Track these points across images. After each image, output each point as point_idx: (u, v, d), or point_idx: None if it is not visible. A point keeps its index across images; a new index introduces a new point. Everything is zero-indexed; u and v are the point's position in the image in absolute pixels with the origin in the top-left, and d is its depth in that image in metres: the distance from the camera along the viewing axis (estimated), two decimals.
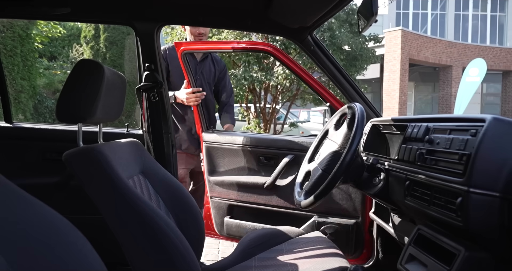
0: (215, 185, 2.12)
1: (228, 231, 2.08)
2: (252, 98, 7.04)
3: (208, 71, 2.33)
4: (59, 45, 12.68)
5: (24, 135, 1.88)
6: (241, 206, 2.08)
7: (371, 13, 1.16)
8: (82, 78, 1.08)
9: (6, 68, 6.56)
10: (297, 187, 1.46)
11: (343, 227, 1.85)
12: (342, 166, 1.19)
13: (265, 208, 2.01)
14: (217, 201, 2.13)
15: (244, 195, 2.05)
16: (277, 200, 1.98)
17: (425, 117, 1.18)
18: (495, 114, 0.94)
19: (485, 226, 0.86)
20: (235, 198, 2.08)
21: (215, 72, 2.37)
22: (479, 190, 0.86)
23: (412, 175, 1.12)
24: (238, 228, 2.05)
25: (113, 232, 1.01)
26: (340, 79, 1.78)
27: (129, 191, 1.02)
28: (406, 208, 1.21)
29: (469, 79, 11.05)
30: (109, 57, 10.30)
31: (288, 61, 1.90)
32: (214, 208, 2.15)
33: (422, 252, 1.03)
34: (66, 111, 1.08)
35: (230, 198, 2.09)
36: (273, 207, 1.99)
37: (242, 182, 2.04)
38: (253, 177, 2.03)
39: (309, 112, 11.79)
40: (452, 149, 0.96)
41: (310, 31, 1.66)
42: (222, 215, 2.12)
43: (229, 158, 2.11)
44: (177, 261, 1.00)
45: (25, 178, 1.73)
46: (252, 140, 2.04)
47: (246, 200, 2.05)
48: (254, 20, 1.60)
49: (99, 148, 1.05)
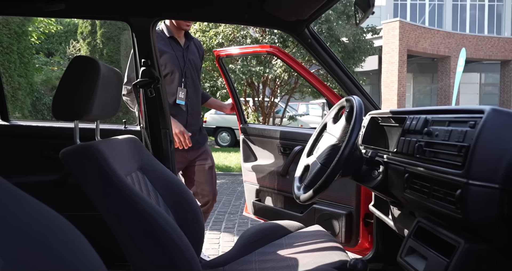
0: (247, 171, 2.47)
1: (256, 212, 2.43)
2: (251, 92, 7.03)
3: (194, 57, 2.26)
4: (56, 42, 12.62)
5: (22, 133, 1.87)
6: (264, 191, 2.38)
7: (368, 5, 1.15)
8: (78, 75, 1.07)
9: (2, 65, 6.53)
10: (296, 181, 1.46)
11: (336, 216, 1.91)
12: (341, 159, 1.18)
13: (281, 193, 2.26)
14: (249, 185, 2.47)
15: (267, 181, 2.33)
16: (290, 186, 2.10)
17: (423, 109, 1.17)
18: (494, 104, 0.94)
19: (484, 218, 0.86)
20: (260, 183, 2.38)
21: (199, 58, 2.33)
22: (478, 182, 0.85)
23: (411, 168, 1.11)
24: (261, 210, 2.38)
25: (111, 230, 1.01)
26: (338, 72, 1.77)
27: (127, 188, 1.01)
28: (405, 201, 1.21)
29: (460, 69, 11.49)
30: (106, 52, 10.26)
31: (291, 61, 2.05)
32: (247, 190, 2.51)
33: (422, 245, 1.03)
34: (62, 109, 1.07)
35: (257, 183, 2.40)
36: (287, 192, 2.20)
37: (265, 169, 2.33)
38: (274, 165, 2.30)
39: (308, 105, 11.79)
40: (451, 141, 0.95)
41: (307, 24, 1.64)
42: (252, 197, 2.47)
43: (259, 148, 2.43)
44: (176, 258, 1.00)
45: (23, 176, 1.73)
46: (274, 133, 2.30)
47: (268, 185, 2.33)
48: (250, 14, 1.59)
49: (96, 145, 1.05)
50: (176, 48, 2.16)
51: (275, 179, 2.25)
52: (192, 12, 1.64)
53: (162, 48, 2.07)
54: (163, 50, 2.07)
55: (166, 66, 2.11)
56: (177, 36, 2.16)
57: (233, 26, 6.26)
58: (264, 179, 2.34)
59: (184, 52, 2.20)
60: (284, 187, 2.20)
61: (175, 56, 2.13)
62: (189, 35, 2.27)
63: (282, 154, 2.26)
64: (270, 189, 2.31)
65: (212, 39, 6.09)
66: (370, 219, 1.81)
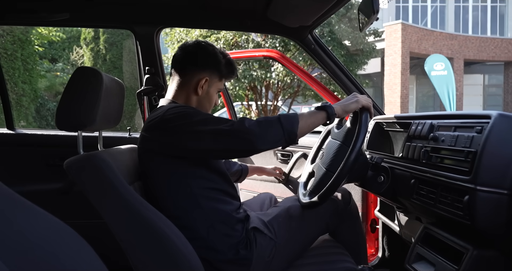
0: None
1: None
2: (253, 96, 7.03)
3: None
4: (60, 48, 12.70)
5: (27, 142, 1.88)
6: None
7: (372, 11, 1.14)
8: (81, 86, 1.08)
9: (7, 73, 6.57)
10: (301, 187, 1.45)
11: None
12: (347, 165, 1.17)
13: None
14: (245, 193, 2.35)
15: (266, 188, 2.23)
16: (290, 193, 2.05)
17: (429, 114, 1.17)
18: (497, 106, 0.93)
19: (493, 224, 0.85)
20: (258, 190, 2.27)
21: None
22: (486, 188, 0.84)
23: (417, 174, 1.11)
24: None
25: (116, 238, 1.01)
26: (341, 77, 1.77)
27: (132, 196, 1.01)
28: (412, 207, 1.20)
29: (434, 73, 11.38)
30: (109, 58, 10.31)
31: (291, 65, 2.03)
32: (243, 198, 2.25)
33: (430, 251, 1.02)
34: (66, 119, 1.07)
35: (254, 190, 2.29)
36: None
37: (263, 176, 2.20)
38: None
39: (311, 108, 11.76)
40: (457, 147, 0.95)
41: (310, 30, 1.64)
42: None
43: (256, 155, 2.28)
44: (181, 265, 1.00)
45: (28, 184, 1.73)
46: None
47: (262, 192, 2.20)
48: (254, 21, 1.59)
49: (100, 155, 1.05)
50: None
51: (274, 187, 2.18)
52: (195, 20, 1.64)
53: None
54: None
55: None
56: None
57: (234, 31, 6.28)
58: (262, 186, 2.28)
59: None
60: (284, 194, 2.12)
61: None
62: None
63: (280, 161, 2.21)
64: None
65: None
66: (376, 225, 1.80)
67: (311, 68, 6.88)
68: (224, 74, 1.31)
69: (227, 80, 1.35)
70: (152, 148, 1.15)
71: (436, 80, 11.22)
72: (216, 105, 1.36)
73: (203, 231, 1.14)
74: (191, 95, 1.28)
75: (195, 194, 1.15)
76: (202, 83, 1.26)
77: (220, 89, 1.34)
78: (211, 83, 1.29)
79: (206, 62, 1.28)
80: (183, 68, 1.28)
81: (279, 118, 1.10)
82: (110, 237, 1.03)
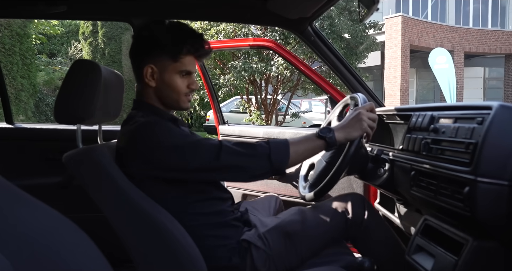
0: None
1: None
2: (253, 90, 7.01)
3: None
4: (58, 42, 12.64)
5: (26, 136, 1.88)
6: (252, 195, 2.15)
7: (372, 1, 1.13)
8: (79, 79, 1.07)
9: (5, 67, 6.55)
10: (301, 180, 1.45)
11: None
12: (347, 157, 1.17)
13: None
14: (232, 191, 2.20)
15: (256, 185, 2.13)
16: (284, 189, 2.01)
17: (429, 106, 1.16)
18: (498, 98, 0.92)
19: (493, 215, 0.85)
20: (247, 187, 2.18)
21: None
22: (487, 179, 0.84)
23: (417, 165, 1.10)
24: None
25: (116, 231, 1.01)
26: (341, 69, 1.76)
27: (132, 190, 1.01)
28: (412, 199, 1.20)
29: (437, 67, 11.30)
30: (108, 52, 10.28)
31: (288, 55, 1.97)
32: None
33: (430, 243, 1.02)
34: (65, 113, 1.07)
35: (243, 188, 2.20)
36: (281, 195, 2.01)
37: None
38: None
39: (311, 101, 11.75)
40: (458, 138, 0.94)
41: (310, 22, 1.63)
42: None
43: None
44: (182, 259, 1.00)
45: (28, 178, 1.73)
46: (261, 132, 2.13)
47: (257, 189, 2.13)
48: (253, 13, 1.58)
49: (99, 148, 1.05)
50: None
51: (265, 182, 2.09)
52: (194, 12, 1.63)
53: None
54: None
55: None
56: None
57: (234, 24, 6.23)
58: (253, 182, 2.08)
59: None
60: (278, 190, 2.05)
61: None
62: None
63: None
64: (261, 193, 2.10)
65: (214, 37, 6.08)
66: None
67: (311, 61, 6.86)
68: (176, 52, 1.11)
69: (188, 55, 1.14)
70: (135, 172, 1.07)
71: (439, 73, 11.19)
72: (196, 89, 1.19)
73: (195, 239, 1.07)
74: (147, 89, 1.16)
75: (187, 205, 1.11)
76: (148, 73, 1.13)
77: (183, 71, 1.14)
78: (163, 68, 1.12)
79: (143, 48, 1.14)
80: (132, 63, 1.17)
81: (269, 154, 1.07)
82: (110, 230, 1.03)
